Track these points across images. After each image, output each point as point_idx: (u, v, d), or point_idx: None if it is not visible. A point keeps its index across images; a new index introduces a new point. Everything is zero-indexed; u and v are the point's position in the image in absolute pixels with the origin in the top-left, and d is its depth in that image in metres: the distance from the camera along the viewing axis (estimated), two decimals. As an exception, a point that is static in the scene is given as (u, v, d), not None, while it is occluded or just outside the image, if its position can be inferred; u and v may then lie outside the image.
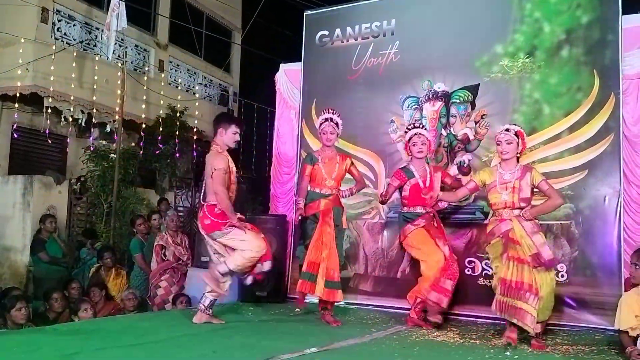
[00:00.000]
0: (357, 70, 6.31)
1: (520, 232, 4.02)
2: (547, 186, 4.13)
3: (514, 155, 4.18)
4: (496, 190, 4.16)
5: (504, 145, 4.16)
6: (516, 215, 4.08)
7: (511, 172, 4.16)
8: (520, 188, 4.08)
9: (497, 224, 4.16)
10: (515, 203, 4.09)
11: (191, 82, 12.61)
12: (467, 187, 4.48)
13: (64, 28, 9.52)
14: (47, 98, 8.88)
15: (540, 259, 3.91)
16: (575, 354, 3.86)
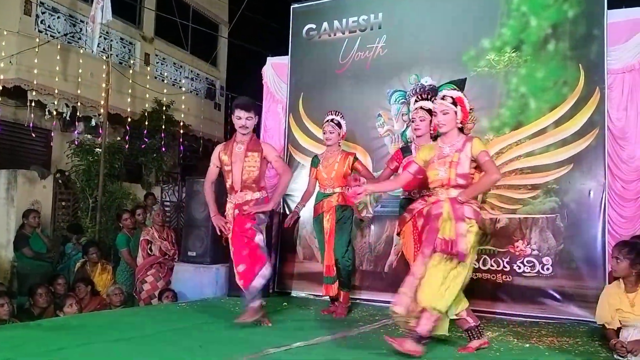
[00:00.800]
0: (345, 64, 6.30)
1: (447, 217, 3.46)
2: (486, 158, 3.48)
3: (453, 127, 3.57)
4: (434, 166, 3.58)
5: (440, 116, 3.58)
6: (451, 198, 3.47)
7: (451, 145, 3.56)
8: (459, 161, 3.48)
9: (431, 206, 3.66)
10: (452, 180, 3.48)
11: (177, 76, 12.52)
12: (409, 170, 3.82)
13: (48, 20, 9.40)
14: (31, 91, 8.77)
15: (451, 247, 3.37)
16: (560, 346, 3.90)
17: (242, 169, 4.25)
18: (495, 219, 5.35)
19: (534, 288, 5.10)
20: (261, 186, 4.34)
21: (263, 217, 4.33)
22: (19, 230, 7.30)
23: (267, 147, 4.40)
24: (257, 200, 4.28)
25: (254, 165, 4.26)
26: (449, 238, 3.38)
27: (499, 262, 5.27)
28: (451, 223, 3.41)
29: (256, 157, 4.27)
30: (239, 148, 4.29)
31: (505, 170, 5.33)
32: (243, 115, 4.26)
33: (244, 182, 4.26)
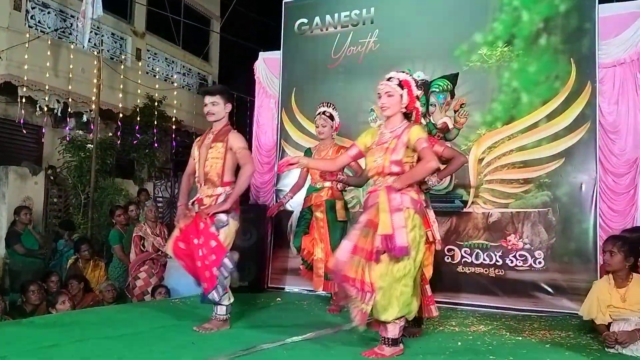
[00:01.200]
0: (337, 59, 6.29)
1: (383, 207, 3.21)
2: (424, 145, 3.22)
3: (397, 111, 3.34)
4: (372, 152, 3.38)
5: (384, 98, 3.34)
6: (387, 186, 3.26)
7: (392, 131, 3.35)
8: (395, 148, 3.27)
9: (368, 195, 3.44)
10: (386, 167, 3.27)
11: (169, 71, 12.45)
12: (348, 153, 3.59)
13: (38, 16, 9.31)
14: (22, 87, 8.70)
15: (390, 243, 3.11)
16: (552, 339, 3.92)
17: (206, 160, 3.93)
18: (488, 213, 5.37)
19: (526, 282, 5.14)
20: (225, 181, 3.91)
21: (224, 217, 3.82)
22: (11, 227, 7.25)
23: (234, 136, 3.94)
24: (218, 197, 3.88)
25: (217, 156, 3.90)
26: (386, 233, 3.13)
27: (491, 256, 5.30)
28: (387, 215, 3.16)
29: (220, 147, 3.91)
30: (209, 138, 4.00)
31: (498, 164, 5.36)
32: (207, 100, 3.96)
33: (206, 175, 3.93)
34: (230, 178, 3.94)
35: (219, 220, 3.80)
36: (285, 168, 3.51)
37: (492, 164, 5.39)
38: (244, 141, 3.97)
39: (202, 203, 3.93)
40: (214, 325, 3.85)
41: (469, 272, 5.38)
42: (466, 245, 5.41)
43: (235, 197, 3.85)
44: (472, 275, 5.35)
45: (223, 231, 3.81)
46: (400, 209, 3.18)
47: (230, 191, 3.87)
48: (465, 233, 5.45)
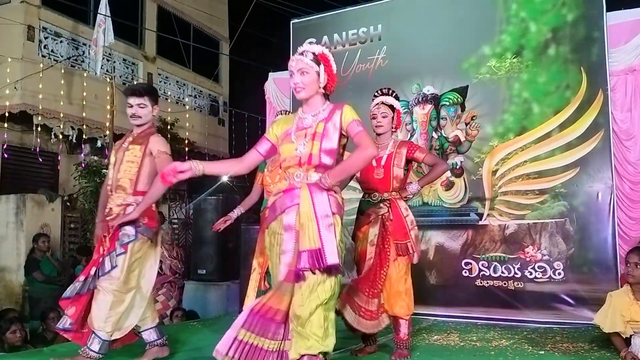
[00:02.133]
0: (346, 77, 6.32)
1: (306, 211, 2.53)
2: (359, 128, 2.63)
3: (314, 91, 2.74)
4: (290, 139, 2.69)
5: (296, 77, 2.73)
6: (311, 183, 2.60)
7: (315, 114, 2.72)
8: (325, 133, 2.64)
9: (281, 195, 2.68)
10: (314, 156, 2.60)
11: (181, 94, 12.59)
12: (257, 148, 2.85)
13: (51, 45, 9.48)
14: (37, 116, 8.84)
15: (318, 260, 2.47)
16: (576, 352, 3.87)
17: (120, 165, 3.41)
18: (504, 225, 5.33)
19: (546, 293, 5.08)
20: (139, 190, 3.37)
21: (132, 231, 3.28)
22: (30, 254, 7.33)
23: (155, 139, 3.45)
24: (127, 208, 3.34)
25: (132, 160, 3.40)
26: (314, 247, 2.48)
27: (509, 268, 5.25)
28: (313, 224, 2.50)
29: (137, 150, 3.41)
30: (128, 141, 3.52)
31: (512, 176, 5.33)
32: (133, 101, 3.48)
33: (117, 182, 3.40)
34: (146, 187, 3.38)
35: (125, 234, 3.27)
36: (172, 177, 2.64)
37: (506, 175, 5.36)
38: (166, 146, 3.50)
39: (110, 213, 3.38)
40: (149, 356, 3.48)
41: (487, 285, 5.33)
42: (483, 259, 5.37)
43: (145, 207, 3.30)
44: (491, 289, 5.30)
45: (129, 248, 3.27)
46: (329, 215, 2.54)
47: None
48: (482, 246, 5.41)
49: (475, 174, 5.50)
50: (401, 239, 3.59)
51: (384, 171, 3.64)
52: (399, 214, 3.63)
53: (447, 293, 5.48)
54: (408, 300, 3.62)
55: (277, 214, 2.64)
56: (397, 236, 3.59)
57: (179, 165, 2.64)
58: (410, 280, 3.67)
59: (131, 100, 3.50)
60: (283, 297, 2.51)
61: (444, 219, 5.62)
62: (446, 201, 5.62)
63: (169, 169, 2.63)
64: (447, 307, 5.41)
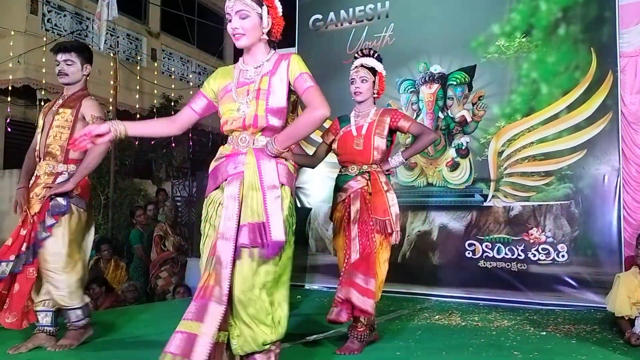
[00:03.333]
0: (352, 54, 6.20)
1: (251, 180, 2.18)
2: (309, 83, 2.24)
3: (256, 38, 2.32)
4: (230, 97, 2.30)
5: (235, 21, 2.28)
6: (257, 148, 2.23)
7: (258, 67, 2.32)
8: (270, 89, 2.26)
9: (223, 160, 2.29)
10: (260, 118, 2.23)
11: (185, 71, 12.51)
12: (191, 105, 2.42)
13: (54, 19, 9.40)
14: (40, 90, 8.79)
15: (262, 236, 2.12)
16: (577, 333, 3.87)
17: (49, 130, 3.20)
18: (509, 207, 5.30)
19: (549, 275, 5.07)
20: (71, 158, 3.20)
21: (63, 202, 3.11)
22: (33, 229, 7.34)
23: (88, 102, 3.26)
24: (58, 177, 3.17)
25: (63, 125, 3.18)
26: (257, 221, 2.13)
27: (513, 250, 5.23)
28: (258, 194, 2.15)
29: (68, 114, 3.20)
30: (57, 104, 3.30)
31: (518, 157, 5.29)
32: (59, 57, 3.29)
33: (47, 148, 3.19)
34: (79, 155, 3.20)
35: (56, 204, 3.09)
36: (88, 142, 2.25)
37: (512, 156, 5.32)
38: (100, 110, 3.29)
39: (38, 183, 3.19)
40: (74, 339, 3.24)
41: (490, 266, 5.32)
42: (487, 240, 5.35)
43: (81, 177, 3.14)
44: (494, 270, 5.29)
45: (64, 219, 3.12)
46: (276, 186, 2.18)
47: (74, 169, 3.19)
48: (486, 227, 5.39)
49: (481, 155, 5.45)
50: (380, 215, 3.24)
51: (364, 141, 3.30)
52: (379, 187, 3.29)
53: (449, 274, 5.48)
54: (379, 283, 3.26)
55: (218, 182, 2.27)
56: (374, 212, 3.24)
57: (95, 129, 2.23)
58: (386, 267, 3.30)
59: (58, 56, 3.29)
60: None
61: (448, 199, 5.60)
62: (451, 182, 5.59)
63: (82, 133, 2.23)
64: (450, 288, 5.42)
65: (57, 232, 3.10)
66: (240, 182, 2.19)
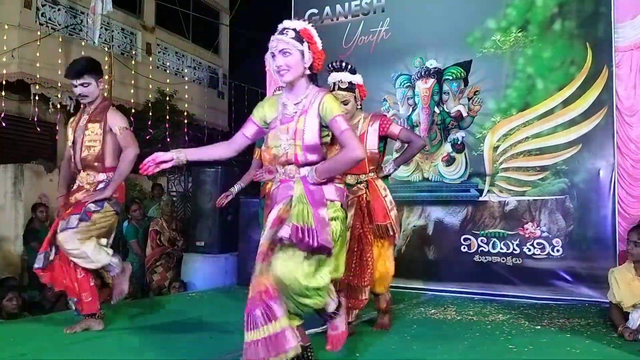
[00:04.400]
0: (348, 49, 6.23)
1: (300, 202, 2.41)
2: (342, 126, 2.43)
3: (299, 73, 2.52)
4: (276, 134, 2.53)
5: (279, 59, 2.51)
6: (303, 177, 2.47)
7: (297, 102, 2.53)
8: (305, 129, 2.46)
9: (278, 185, 2.58)
10: (299, 157, 2.47)
11: (180, 65, 12.46)
12: (243, 132, 2.69)
13: (48, 13, 9.34)
14: (34, 85, 8.75)
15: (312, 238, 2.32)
16: (572, 327, 3.89)
17: (82, 144, 3.54)
18: (504, 201, 5.32)
19: (544, 270, 5.09)
20: (108, 167, 3.57)
21: (96, 207, 3.48)
22: (29, 224, 7.32)
23: (113, 115, 3.58)
24: (98, 185, 3.56)
25: (94, 138, 3.53)
26: (306, 226, 2.34)
27: (508, 244, 5.25)
28: (307, 208, 2.39)
29: (97, 129, 3.53)
30: (84, 119, 3.61)
31: (513, 152, 5.30)
32: (76, 82, 3.56)
33: (83, 160, 3.55)
34: (113, 162, 3.58)
35: (90, 206, 3.47)
36: (153, 168, 2.54)
37: (507, 151, 5.33)
38: (125, 120, 3.63)
39: (80, 189, 3.59)
40: (119, 285, 3.77)
41: (485, 261, 5.34)
42: (482, 235, 5.37)
43: (117, 184, 3.53)
44: (489, 265, 5.31)
45: (94, 218, 3.48)
46: (325, 204, 2.45)
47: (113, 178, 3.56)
48: (482, 222, 5.40)
49: (477, 150, 5.46)
50: (381, 220, 3.45)
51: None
52: (377, 194, 3.49)
53: (445, 268, 5.49)
54: (386, 282, 3.58)
55: (273, 202, 2.59)
56: (377, 218, 3.45)
57: (161, 156, 2.52)
58: (392, 262, 3.57)
59: (74, 81, 3.56)
60: None
61: (444, 194, 5.60)
62: (446, 177, 5.59)
63: (149, 160, 2.50)
64: (445, 282, 5.43)
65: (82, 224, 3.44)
66: (288, 203, 2.47)
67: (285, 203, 2.48)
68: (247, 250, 5.87)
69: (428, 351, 3.21)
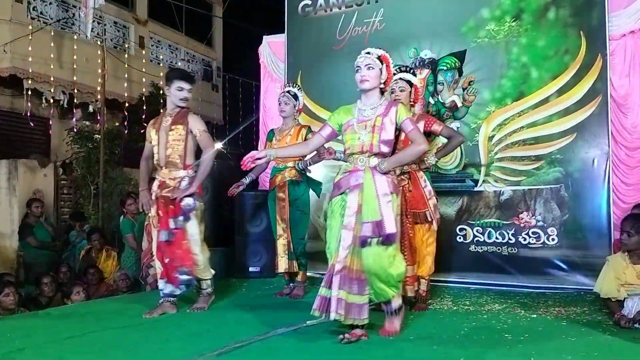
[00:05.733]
0: (342, 40, 6.21)
1: (368, 190, 3.12)
2: (411, 126, 3.17)
3: (376, 85, 3.25)
4: (353, 129, 3.23)
5: (363, 70, 3.23)
6: (372, 167, 3.17)
7: (373, 108, 3.24)
8: (383, 127, 3.16)
9: (347, 175, 3.23)
10: (374, 146, 3.15)
11: (173, 58, 12.40)
12: (321, 133, 3.39)
13: (40, 7, 9.27)
14: (27, 80, 8.70)
15: (380, 230, 3.07)
16: (568, 316, 3.91)
17: (166, 143, 3.99)
18: (499, 191, 5.33)
19: (539, 259, 5.12)
20: (188, 164, 4.01)
21: (191, 203, 3.95)
22: (23, 219, 7.30)
23: (193, 118, 4.05)
24: (182, 180, 3.98)
25: (178, 139, 3.98)
26: (375, 220, 3.07)
27: (503, 234, 5.27)
28: (374, 200, 3.08)
29: (180, 130, 3.98)
30: (166, 121, 4.04)
31: (508, 142, 5.31)
32: (186, 86, 4.04)
33: (167, 158, 4.00)
34: (191, 161, 4.04)
35: (187, 204, 3.92)
36: (251, 164, 3.22)
37: (502, 141, 5.33)
38: (203, 124, 4.10)
39: (165, 186, 4.00)
40: (204, 303, 4.13)
41: (481, 251, 5.36)
42: (478, 224, 5.39)
43: (200, 181, 3.99)
44: (485, 254, 5.33)
45: (193, 215, 3.96)
46: (387, 194, 3.11)
47: (192, 174, 4.00)
48: (477, 212, 5.42)
49: (472, 140, 5.46)
50: (420, 208, 4.02)
51: (403, 146, 3.58)
52: (418, 184, 4.03)
53: (441, 258, 5.47)
54: (430, 263, 4.15)
55: (342, 190, 3.19)
56: (416, 205, 4.01)
57: (257, 153, 3.22)
58: (434, 245, 4.17)
59: (185, 85, 4.04)
60: (354, 259, 3.08)
61: (439, 185, 5.57)
62: (442, 167, 5.59)
63: (248, 157, 3.19)
64: (441, 273, 5.40)
65: (191, 223, 3.96)
66: (360, 190, 3.12)
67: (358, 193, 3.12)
68: (244, 243, 5.88)
69: (424, 342, 3.22)
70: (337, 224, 3.18)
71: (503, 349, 3.06)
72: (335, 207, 3.23)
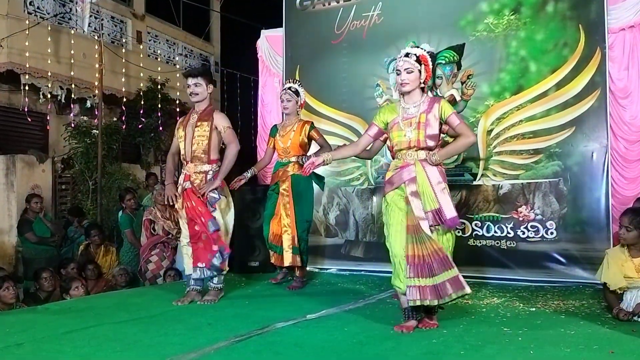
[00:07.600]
0: (341, 34, 6.19)
1: (422, 182, 3.32)
2: (458, 121, 3.36)
3: (416, 86, 3.40)
4: (399, 127, 3.40)
5: (404, 75, 3.38)
6: (421, 160, 3.35)
7: (416, 105, 3.40)
8: (427, 123, 3.34)
9: (398, 170, 3.41)
10: (421, 141, 3.33)
11: (171, 53, 12.35)
12: (368, 133, 3.60)
13: (37, 1, 9.20)
14: (24, 75, 8.64)
15: (441, 216, 3.28)
16: (566, 309, 3.92)
17: (192, 139, 4.21)
18: (498, 185, 5.33)
19: (538, 253, 5.12)
20: (212, 159, 4.23)
21: (216, 195, 4.17)
22: (22, 215, 7.28)
23: (218, 116, 4.27)
24: (207, 174, 4.21)
25: (203, 134, 4.19)
26: (434, 208, 3.27)
27: (502, 228, 5.27)
28: (430, 190, 3.29)
29: (205, 126, 4.20)
30: (193, 118, 4.28)
31: (507, 135, 5.31)
32: (190, 81, 4.23)
33: (193, 153, 4.22)
34: (216, 156, 4.26)
35: (212, 197, 4.15)
36: (311, 170, 3.54)
37: (501, 135, 5.33)
38: (228, 121, 4.28)
39: (191, 179, 4.22)
40: (214, 296, 4.25)
41: (480, 245, 5.37)
42: (477, 218, 5.39)
43: (224, 175, 4.20)
44: (484, 248, 5.34)
45: (218, 205, 4.19)
46: (441, 182, 3.32)
47: (216, 168, 4.23)
48: (476, 206, 5.42)
49: (470, 134, 5.44)
50: None
51: None
52: None
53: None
54: None
55: (395, 185, 3.38)
56: None
57: (316, 160, 3.51)
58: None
59: (189, 80, 4.22)
60: (421, 245, 3.25)
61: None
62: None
63: (308, 164, 3.50)
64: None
65: (216, 214, 4.19)
66: (415, 183, 3.31)
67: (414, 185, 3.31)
68: (243, 238, 5.86)
69: (423, 335, 3.23)
70: (396, 218, 3.36)
71: (502, 342, 3.07)
72: (391, 201, 3.40)
